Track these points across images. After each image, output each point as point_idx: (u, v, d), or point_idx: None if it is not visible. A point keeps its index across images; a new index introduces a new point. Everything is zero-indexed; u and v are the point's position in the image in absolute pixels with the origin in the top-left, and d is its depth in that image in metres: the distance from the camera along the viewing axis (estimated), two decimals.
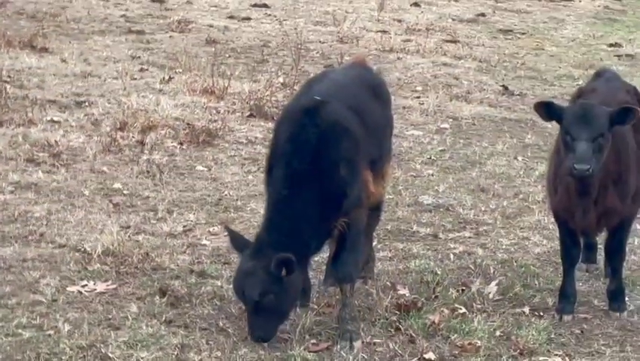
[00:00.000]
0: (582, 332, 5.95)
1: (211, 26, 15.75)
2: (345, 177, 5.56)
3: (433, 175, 8.91)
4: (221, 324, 5.77)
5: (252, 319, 5.48)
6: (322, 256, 6.68)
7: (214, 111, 10.41)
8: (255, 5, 18.48)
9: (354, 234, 5.66)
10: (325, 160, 5.53)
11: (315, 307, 6.01)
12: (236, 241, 5.67)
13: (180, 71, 11.89)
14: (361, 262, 5.94)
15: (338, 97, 5.83)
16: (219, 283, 6.30)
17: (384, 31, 16.23)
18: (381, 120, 6.17)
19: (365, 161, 5.77)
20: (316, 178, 5.49)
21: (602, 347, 5.76)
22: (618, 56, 15.77)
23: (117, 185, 8.09)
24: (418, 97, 11.81)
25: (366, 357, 5.46)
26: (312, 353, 5.47)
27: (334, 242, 5.78)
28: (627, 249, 6.40)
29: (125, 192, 7.97)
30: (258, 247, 5.50)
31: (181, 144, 9.26)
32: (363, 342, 5.59)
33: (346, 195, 5.57)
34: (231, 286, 5.78)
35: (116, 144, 9.01)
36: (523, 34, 17.50)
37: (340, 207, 5.56)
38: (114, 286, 6.22)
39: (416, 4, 19.87)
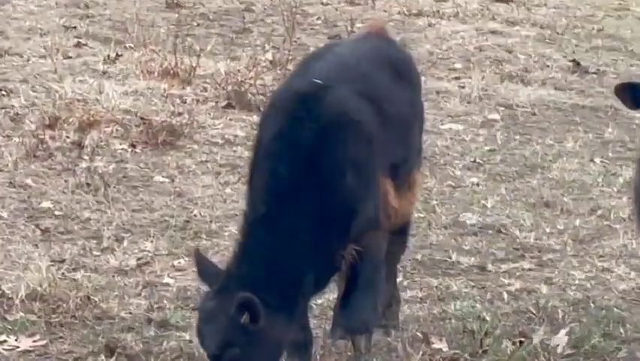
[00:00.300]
0: None
1: None
2: (355, 189, 5.58)
3: (478, 185, 8.94)
4: None
5: None
6: (328, 298, 6.71)
7: (178, 101, 10.44)
8: None
9: (369, 267, 5.70)
10: (326, 166, 5.54)
11: None
12: (207, 271, 5.64)
13: (131, 46, 11.92)
14: (381, 304, 5.96)
15: (345, 80, 5.85)
16: (187, 337, 6.32)
17: None
18: (407, 110, 6.17)
19: (384, 166, 5.79)
20: (312, 190, 5.50)
21: None
22: None
23: (46, 203, 8.12)
24: (458, 78, 11.85)
25: None
26: None
27: (343, 279, 5.80)
28: None
29: (56, 213, 8.00)
30: (225, 284, 5.48)
31: (133, 146, 9.29)
32: None
33: (356, 213, 5.59)
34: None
35: (45, 147, 9.04)
36: None
37: (348, 231, 5.58)
38: (43, 341, 6.25)
39: None
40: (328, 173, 5.54)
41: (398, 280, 6.77)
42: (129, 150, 9.25)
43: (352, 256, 5.64)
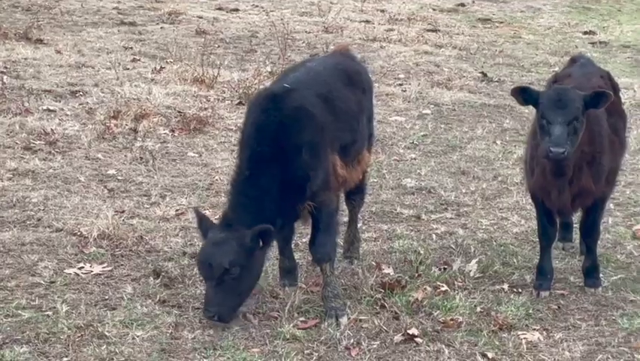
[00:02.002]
0: (559, 307, 5.98)
1: (200, 17, 15.71)
2: (308, 161, 5.50)
3: (415, 159, 8.93)
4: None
5: (213, 294, 5.39)
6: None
7: (204, 100, 10.40)
8: None
9: (325, 215, 5.63)
10: (287, 144, 5.47)
11: (304, 286, 6.02)
12: (204, 223, 5.59)
13: (171, 61, 11.87)
14: (337, 241, 5.89)
15: (308, 84, 5.78)
16: None
17: (367, 21, 16.23)
18: (355, 107, 6.05)
19: (334, 146, 5.70)
20: (278, 161, 5.44)
21: (578, 322, 5.79)
22: (592, 43, 15.80)
23: (111, 171, 8.08)
24: (401, 84, 11.82)
25: (352, 333, 5.48)
26: (300, 331, 5.49)
27: (310, 226, 5.79)
28: (601, 228, 6.43)
29: (119, 178, 7.96)
30: (225, 224, 5.48)
31: (173, 131, 9.25)
32: (349, 318, 5.61)
33: (309, 179, 5.51)
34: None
35: (110, 131, 8.99)
36: (502, 22, 17.51)
37: (304, 190, 5.51)
38: (110, 268, 6.23)
39: None
40: (289, 150, 5.47)
41: (358, 225, 6.76)
42: (170, 134, 9.20)
43: (310, 209, 5.57)
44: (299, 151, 5.48)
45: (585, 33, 16.79)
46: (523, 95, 5.82)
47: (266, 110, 5.54)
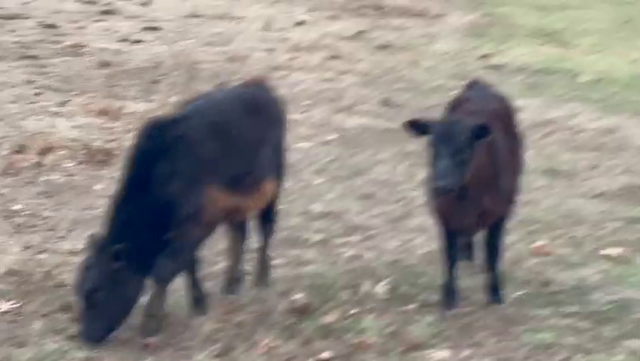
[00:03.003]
0: (465, 325, 6.06)
1: (104, 49, 15.51)
2: (177, 191, 5.46)
3: (322, 184, 8.96)
4: (124, 336, 5.69)
5: (84, 315, 5.40)
6: (221, 266, 6.66)
7: (110, 131, 10.25)
8: (146, 28, 18.27)
9: (178, 245, 5.56)
10: (160, 172, 5.45)
11: (214, 315, 5.97)
12: (91, 243, 5.57)
13: (75, 93, 11.68)
14: (180, 272, 5.79)
15: (202, 113, 5.75)
16: None
17: (270, 50, 16.26)
18: (255, 137, 6.00)
19: (218, 178, 5.64)
20: (149, 188, 5.42)
21: (484, 338, 5.88)
22: (488, 67, 16.11)
23: (17, 206, 7.90)
24: (305, 111, 11.86)
25: (265, 360, 5.45)
26: (214, 360, 5.43)
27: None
28: (503, 246, 6.56)
29: (25, 212, 7.79)
30: (98, 246, 5.47)
31: (79, 164, 9.11)
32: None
33: (175, 209, 5.47)
34: None
35: (15, 166, 8.80)
36: (401, 49, 17.74)
37: (170, 220, 5.48)
38: (18, 304, 6.07)
39: (300, 23, 19.97)
40: (160, 178, 5.45)
41: (268, 252, 6.74)
42: (76, 167, 9.06)
43: (173, 238, 5.54)
44: (170, 180, 5.45)
45: (480, 57, 17.12)
46: (415, 128, 5.90)
47: (147, 137, 5.54)
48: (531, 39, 20.26)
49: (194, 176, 5.54)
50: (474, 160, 5.71)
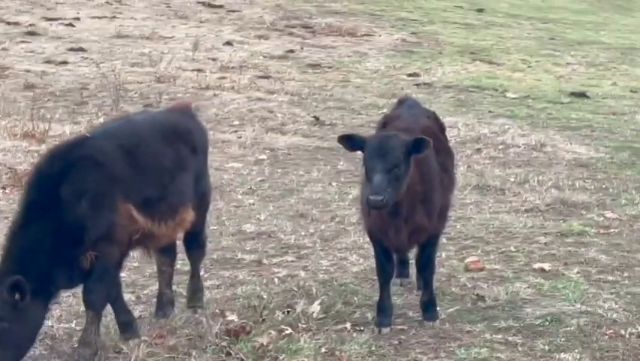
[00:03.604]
0: (400, 342, 6.07)
1: (28, 71, 15.30)
2: (87, 211, 5.35)
3: (254, 204, 8.93)
4: None
5: None
6: (152, 289, 6.58)
7: (36, 155, 10.07)
8: (71, 49, 18.10)
9: (100, 265, 5.46)
10: (66, 192, 5.33)
11: (147, 339, 5.89)
12: None
13: None
14: (111, 294, 5.69)
15: (114, 135, 5.66)
16: (50, 323, 6.07)
17: (199, 70, 16.21)
18: (170, 163, 5.87)
19: (130, 197, 5.54)
20: (56, 210, 5.29)
21: (419, 355, 5.90)
22: (417, 84, 16.32)
23: None
24: (236, 131, 11.84)
25: None
26: None
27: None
28: (436, 262, 6.60)
29: None
30: None
31: (4, 188, 8.94)
32: None
33: (88, 228, 5.37)
34: (61, 325, 5.58)
35: None
36: (330, 67, 17.86)
37: (82, 240, 5.36)
38: None
39: (229, 43, 19.97)
40: (68, 198, 5.32)
41: (201, 273, 6.68)
42: (1, 191, 8.88)
43: (91, 258, 5.42)
44: (78, 200, 5.33)
45: (410, 75, 17.33)
46: (349, 142, 5.91)
47: (51, 158, 5.43)
48: (459, 57, 20.58)
49: (106, 196, 5.43)
50: (408, 176, 5.75)
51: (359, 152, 5.96)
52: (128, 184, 5.53)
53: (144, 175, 5.63)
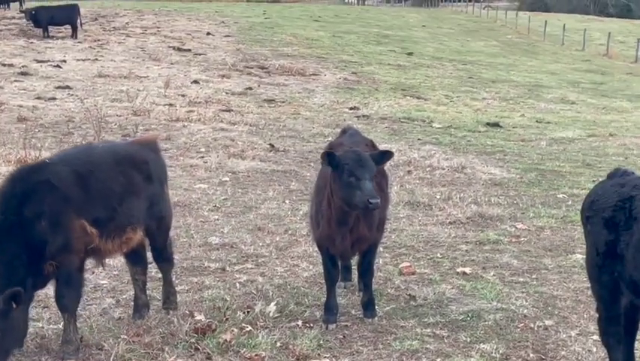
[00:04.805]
0: (344, 336, 6.07)
1: (21, 106, 15.10)
2: (46, 228, 5.27)
3: (218, 220, 8.88)
4: (43, 360, 5.48)
5: None
6: (130, 294, 6.50)
7: None
8: (58, 87, 17.93)
9: (64, 273, 5.39)
10: (28, 212, 5.25)
11: (126, 337, 5.81)
12: None
13: None
14: (80, 294, 5.58)
15: (70, 161, 5.56)
16: (40, 325, 5.98)
17: (171, 105, 16.14)
18: (121, 189, 5.72)
19: (83, 216, 5.43)
20: (22, 227, 5.22)
21: (361, 347, 5.90)
22: (357, 116, 16.42)
23: None
24: (202, 157, 11.78)
25: None
26: None
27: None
28: (375, 268, 6.61)
29: None
30: None
31: None
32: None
33: (48, 242, 5.29)
34: (51, 326, 5.46)
35: None
36: (283, 102, 17.90)
37: (44, 252, 5.29)
38: None
39: (196, 82, 19.94)
40: (30, 217, 5.25)
41: (173, 279, 6.62)
42: None
43: (53, 268, 5.34)
44: (39, 219, 5.25)
45: (351, 108, 17.43)
46: (329, 158, 5.86)
47: (13, 181, 5.33)
48: (392, 93, 20.76)
49: (61, 214, 5.35)
50: None
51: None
52: (80, 204, 5.43)
53: (95, 197, 5.52)
